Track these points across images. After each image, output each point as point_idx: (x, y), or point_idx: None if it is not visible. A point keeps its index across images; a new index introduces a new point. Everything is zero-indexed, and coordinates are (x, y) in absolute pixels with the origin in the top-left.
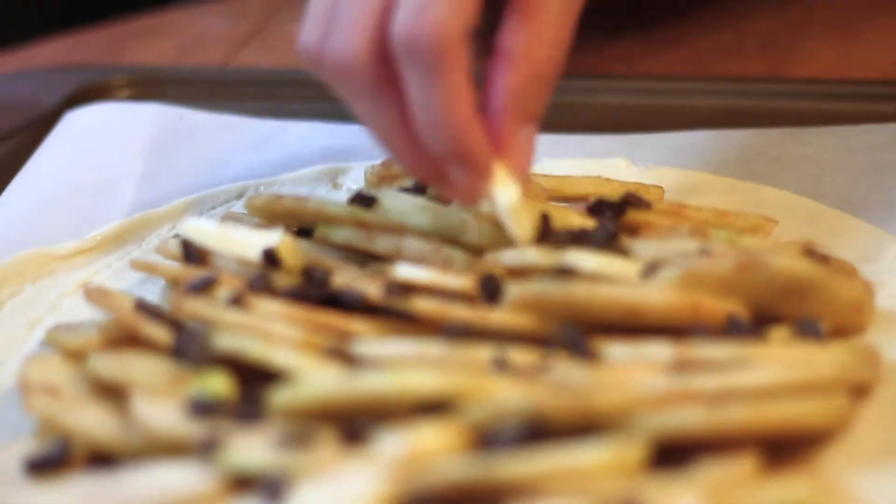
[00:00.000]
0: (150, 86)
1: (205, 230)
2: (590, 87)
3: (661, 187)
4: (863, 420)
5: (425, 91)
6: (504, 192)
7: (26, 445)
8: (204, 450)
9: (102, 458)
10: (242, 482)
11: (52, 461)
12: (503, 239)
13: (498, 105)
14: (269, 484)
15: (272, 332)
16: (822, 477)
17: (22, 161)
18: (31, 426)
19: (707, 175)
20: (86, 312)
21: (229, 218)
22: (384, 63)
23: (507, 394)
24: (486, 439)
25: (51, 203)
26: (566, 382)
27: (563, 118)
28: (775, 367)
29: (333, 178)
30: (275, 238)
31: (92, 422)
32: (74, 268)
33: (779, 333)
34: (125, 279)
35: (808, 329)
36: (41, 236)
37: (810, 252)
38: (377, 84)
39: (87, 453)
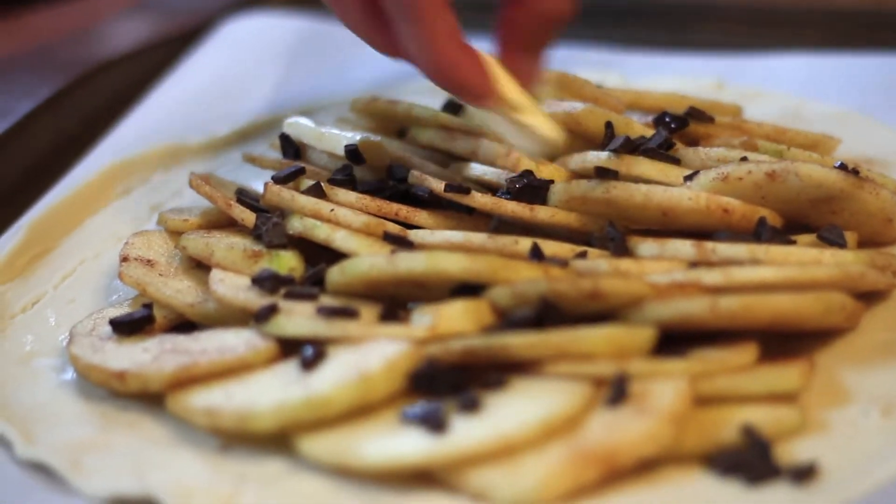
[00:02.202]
0: None
1: (303, 128)
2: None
3: (739, 106)
4: (869, 321)
5: (410, 37)
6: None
7: (119, 310)
8: (260, 317)
9: (182, 327)
10: (292, 347)
11: (135, 322)
12: (573, 144)
13: (504, 41)
14: (310, 349)
15: (339, 218)
16: (814, 369)
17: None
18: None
19: (808, 101)
20: (204, 201)
21: (341, 121)
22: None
23: (529, 277)
24: (506, 318)
25: (193, 101)
26: (589, 269)
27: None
28: (782, 266)
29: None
30: (358, 136)
31: (175, 291)
32: (202, 160)
33: (804, 239)
34: (245, 172)
35: (832, 236)
36: (178, 131)
37: (842, 166)
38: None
39: (168, 321)
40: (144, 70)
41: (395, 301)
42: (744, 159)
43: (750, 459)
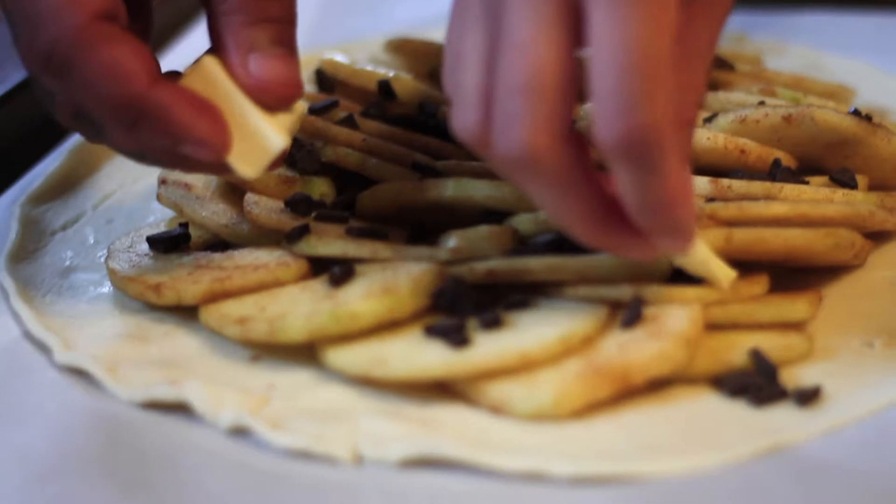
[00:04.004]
0: None
1: (338, 64)
2: None
3: (759, 56)
4: (876, 259)
5: (642, 182)
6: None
7: (155, 229)
8: (292, 237)
9: (216, 246)
10: (322, 267)
11: (171, 239)
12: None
13: None
14: (339, 268)
15: (371, 147)
16: (822, 301)
17: None
18: None
19: (827, 55)
20: None
21: (375, 61)
22: (568, 154)
23: None
24: (528, 243)
25: None
26: None
27: None
28: (794, 202)
29: None
30: (391, 73)
31: (210, 212)
32: None
33: (817, 180)
34: None
35: (844, 177)
36: None
37: (856, 112)
38: (563, 174)
39: (203, 241)
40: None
41: (422, 226)
42: (761, 103)
43: (757, 382)
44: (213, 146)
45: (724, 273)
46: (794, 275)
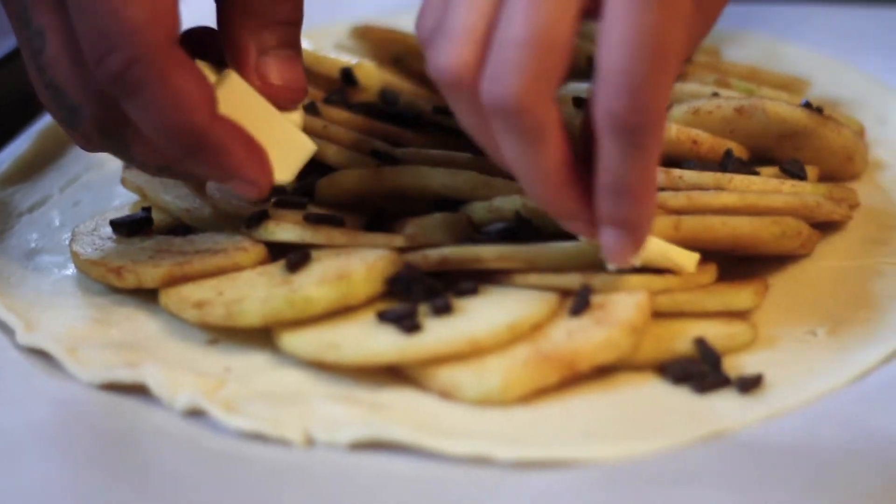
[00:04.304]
0: None
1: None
2: None
3: (717, 47)
4: (824, 249)
5: (626, 161)
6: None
7: (119, 213)
8: (251, 222)
9: (178, 230)
10: (280, 252)
11: (134, 223)
12: None
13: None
14: (295, 254)
15: (331, 134)
16: (768, 290)
17: None
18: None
19: (785, 45)
20: None
21: (340, 47)
22: (552, 112)
23: (504, 193)
24: (482, 231)
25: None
26: None
27: None
28: (743, 193)
29: None
30: (354, 60)
31: (173, 196)
32: None
33: (767, 171)
34: None
35: (793, 168)
36: None
37: (808, 104)
38: (544, 130)
39: (166, 224)
40: None
41: (380, 213)
42: (715, 95)
43: (701, 369)
44: (261, 186)
45: (687, 258)
46: (742, 264)
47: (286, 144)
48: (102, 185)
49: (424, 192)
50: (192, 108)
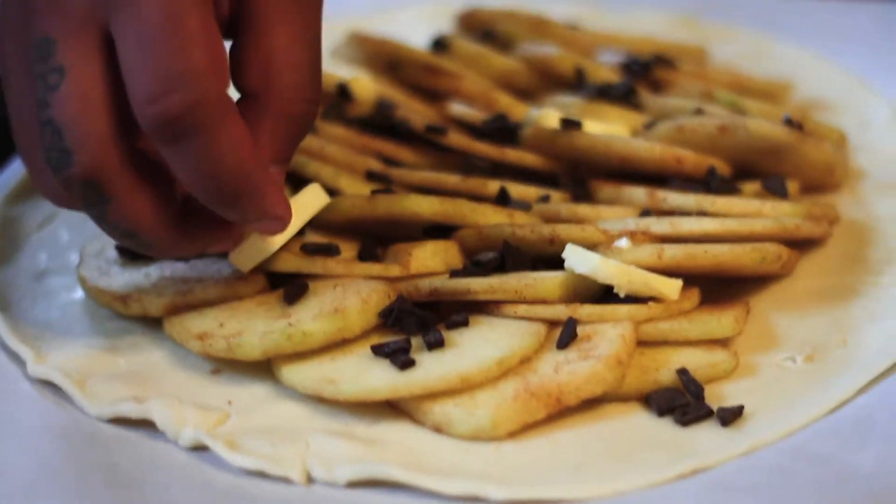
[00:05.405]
0: None
1: None
2: None
3: (703, 49)
4: (804, 267)
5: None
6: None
7: None
8: None
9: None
10: (279, 279)
11: None
12: (547, 85)
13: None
14: (292, 285)
15: (327, 155)
16: (748, 314)
17: None
18: None
19: (772, 42)
20: None
21: (336, 54)
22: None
23: (494, 220)
24: (472, 259)
25: None
26: (551, 214)
27: None
28: (724, 219)
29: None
30: (349, 74)
31: None
32: None
33: (750, 188)
34: None
35: (775, 185)
36: None
37: (788, 120)
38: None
39: None
40: None
41: (373, 236)
42: (699, 111)
43: (684, 401)
44: (286, 221)
45: (669, 287)
46: (722, 282)
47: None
48: None
49: (417, 219)
50: (245, 154)
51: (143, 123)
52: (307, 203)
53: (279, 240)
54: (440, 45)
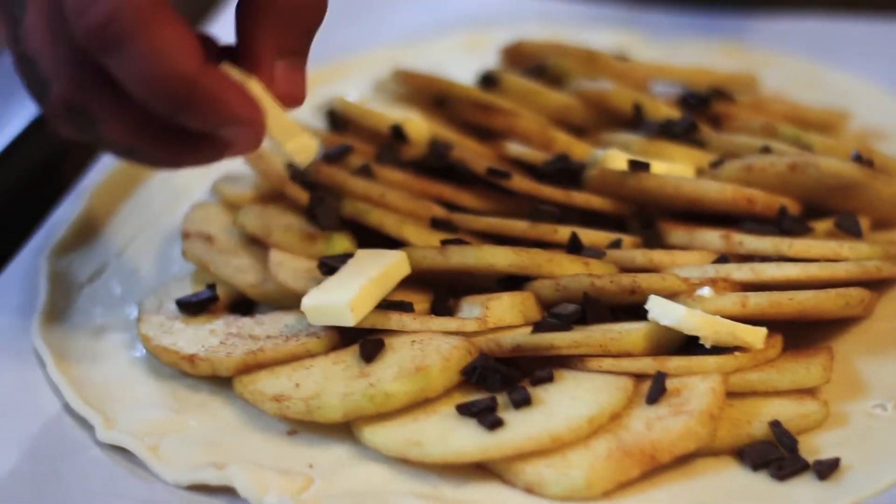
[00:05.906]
0: None
1: (348, 104)
2: None
3: (754, 77)
4: (883, 308)
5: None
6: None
7: (182, 284)
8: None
9: (243, 303)
10: (352, 334)
11: (200, 303)
12: (602, 121)
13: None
14: (368, 342)
15: (388, 202)
16: (833, 360)
17: None
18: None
19: (820, 68)
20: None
21: (380, 88)
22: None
23: (571, 271)
24: (551, 311)
25: None
26: (626, 261)
27: None
28: (806, 265)
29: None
30: (403, 115)
31: (235, 269)
32: None
33: (821, 226)
34: None
35: (848, 223)
36: None
37: (858, 157)
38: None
39: (229, 297)
40: None
41: (442, 285)
42: (766, 149)
43: (778, 454)
44: (257, 126)
45: (755, 335)
46: (799, 326)
47: (298, 138)
48: (158, 247)
49: (490, 270)
50: (179, 57)
51: (78, 38)
52: (391, 275)
53: (358, 313)
54: (489, 80)
